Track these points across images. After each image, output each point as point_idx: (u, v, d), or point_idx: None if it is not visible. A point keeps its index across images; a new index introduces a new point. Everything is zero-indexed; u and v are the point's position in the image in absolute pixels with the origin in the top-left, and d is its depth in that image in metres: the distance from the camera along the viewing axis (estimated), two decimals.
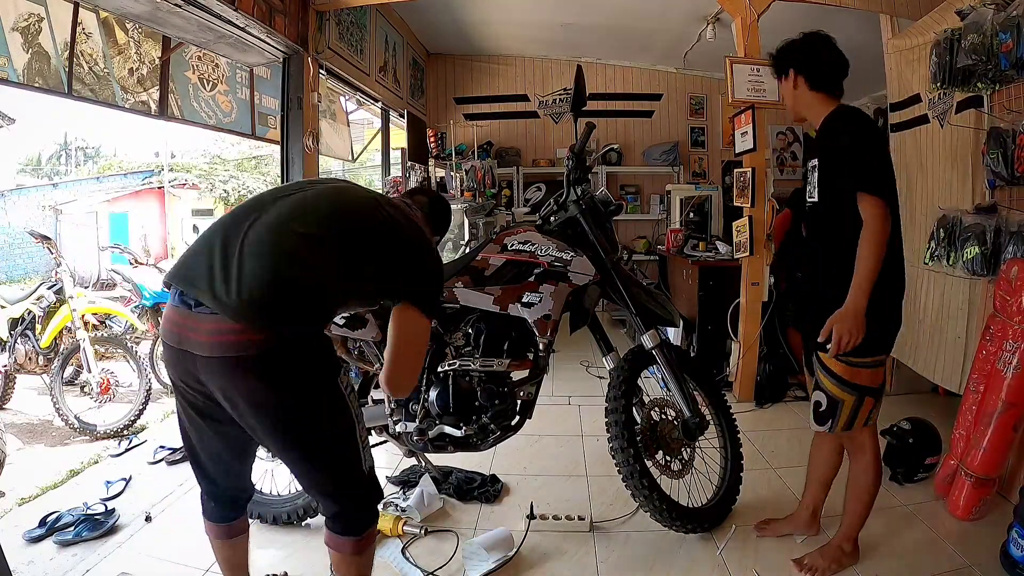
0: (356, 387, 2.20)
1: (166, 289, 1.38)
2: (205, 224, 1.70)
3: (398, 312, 1.42)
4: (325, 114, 4.02)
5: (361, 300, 1.54)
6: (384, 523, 2.05)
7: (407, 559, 1.95)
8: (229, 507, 1.53)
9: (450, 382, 1.96)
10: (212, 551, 1.58)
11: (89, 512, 2.15)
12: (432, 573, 1.88)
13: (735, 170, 3.47)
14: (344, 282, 1.35)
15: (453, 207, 3.97)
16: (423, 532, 2.09)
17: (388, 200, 1.56)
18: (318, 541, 2.03)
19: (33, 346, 3.47)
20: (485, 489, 2.36)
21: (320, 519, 2.13)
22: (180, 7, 2.53)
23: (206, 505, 1.53)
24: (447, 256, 3.77)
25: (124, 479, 2.53)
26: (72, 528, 2.09)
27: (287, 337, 1.25)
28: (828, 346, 1.65)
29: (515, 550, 1.98)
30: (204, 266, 1.27)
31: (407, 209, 1.61)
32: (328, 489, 1.42)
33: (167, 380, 4.02)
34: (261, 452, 2.12)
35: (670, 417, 2.11)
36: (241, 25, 2.85)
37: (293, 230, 1.31)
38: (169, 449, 2.80)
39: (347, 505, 1.42)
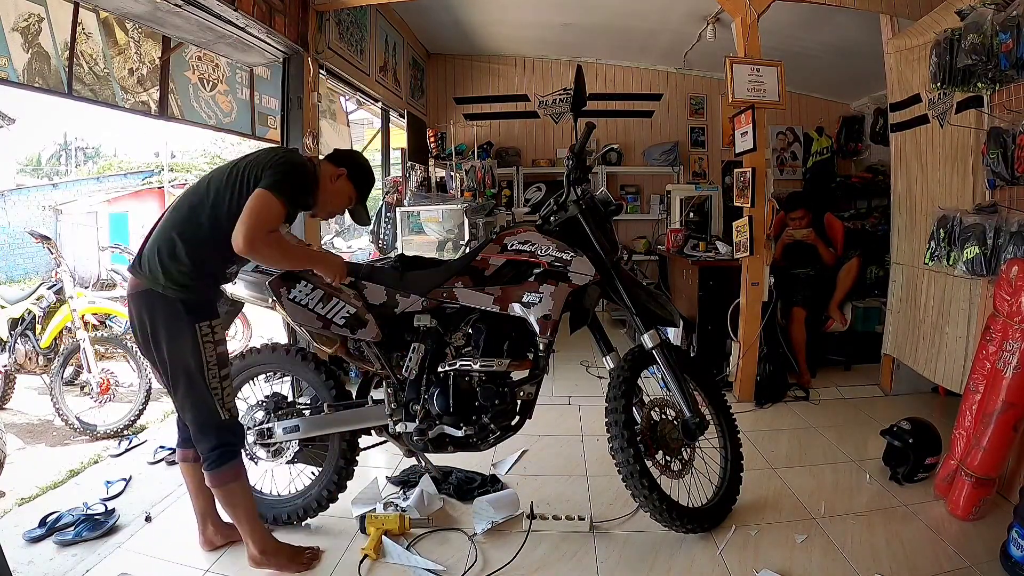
0: (354, 385, 2.21)
1: None
2: None
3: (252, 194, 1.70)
4: (325, 114, 4.02)
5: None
6: (389, 523, 2.05)
7: (415, 554, 1.96)
8: (181, 433, 1.95)
9: (450, 382, 1.96)
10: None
11: (89, 512, 2.15)
12: None
13: (735, 170, 3.46)
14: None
15: (453, 207, 4.01)
16: (430, 521, 2.12)
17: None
18: (319, 540, 2.05)
19: (33, 346, 3.47)
20: (485, 489, 2.35)
21: (320, 519, 2.15)
22: (180, 7, 2.53)
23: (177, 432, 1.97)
24: (447, 256, 3.77)
25: (124, 479, 2.53)
26: (72, 528, 2.09)
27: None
28: None
29: (520, 511, 2.09)
30: None
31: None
32: (187, 421, 1.82)
33: None
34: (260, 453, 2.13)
35: (670, 417, 2.11)
36: (241, 25, 2.85)
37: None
38: (169, 449, 2.80)
39: (201, 443, 1.79)
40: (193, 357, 1.73)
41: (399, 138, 5.23)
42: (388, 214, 4.38)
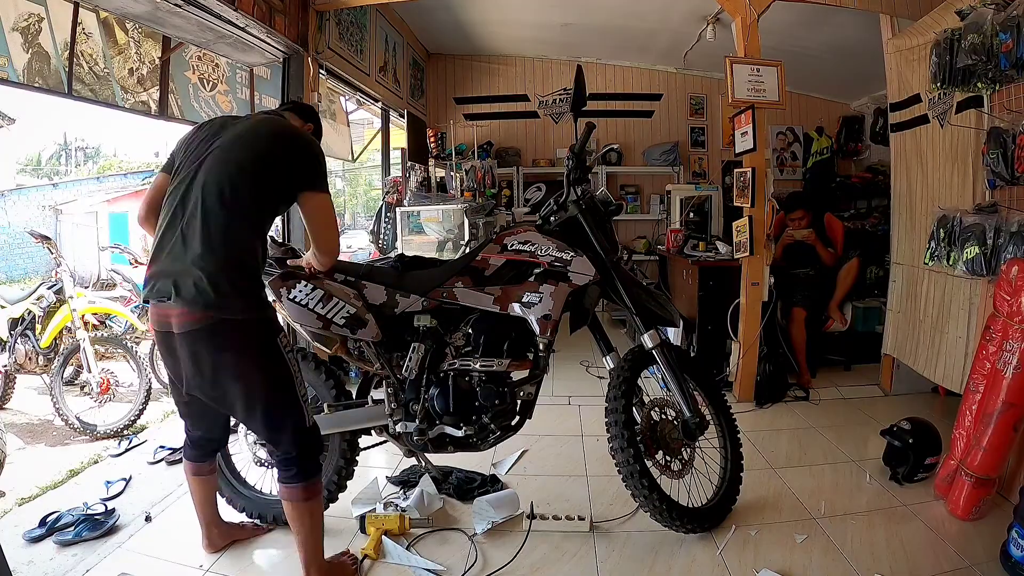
0: (355, 385, 2.21)
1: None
2: None
3: (305, 200, 1.67)
4: (325, 114, 4.01)
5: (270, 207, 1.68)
6: (389, 523, 2.06)
7: (415, 554, 1.96)
8: (197, 449, 1.88)
9: (450, 382, 1.96)
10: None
11: (89, 512, 2.16)
12: None
13: (735, 170, 3.46)
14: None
15: (453, 207, 4.01)
16: (430, 521, 2.12)
17: (264, 119, 1.77)
18: None
19: (33, 346, 3.47)
20: (485, 489, 2.35)
21: None
22: (180, 7, 2.53)
23: (184, 446, 1.91)
24: (447, 256, 3.77)
25: (124, 479, 2.53)
26: (72, 528, 2.09)
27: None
28: None
29: (520, 511, 2.11)
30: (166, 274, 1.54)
31: (278, 120, 1.78)
32: (275, 438, 1.66)
33: (166, 379, 4.03)
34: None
35: (670, 417, 2.11)
36: (241, 25, 2.85)
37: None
38: (169, 449, 2.80)
39: (292, 454, 1.66)
40: (283, 373, 1.62)
41: (399, 138, 5.23)
42: (388, 214, 4.38)
